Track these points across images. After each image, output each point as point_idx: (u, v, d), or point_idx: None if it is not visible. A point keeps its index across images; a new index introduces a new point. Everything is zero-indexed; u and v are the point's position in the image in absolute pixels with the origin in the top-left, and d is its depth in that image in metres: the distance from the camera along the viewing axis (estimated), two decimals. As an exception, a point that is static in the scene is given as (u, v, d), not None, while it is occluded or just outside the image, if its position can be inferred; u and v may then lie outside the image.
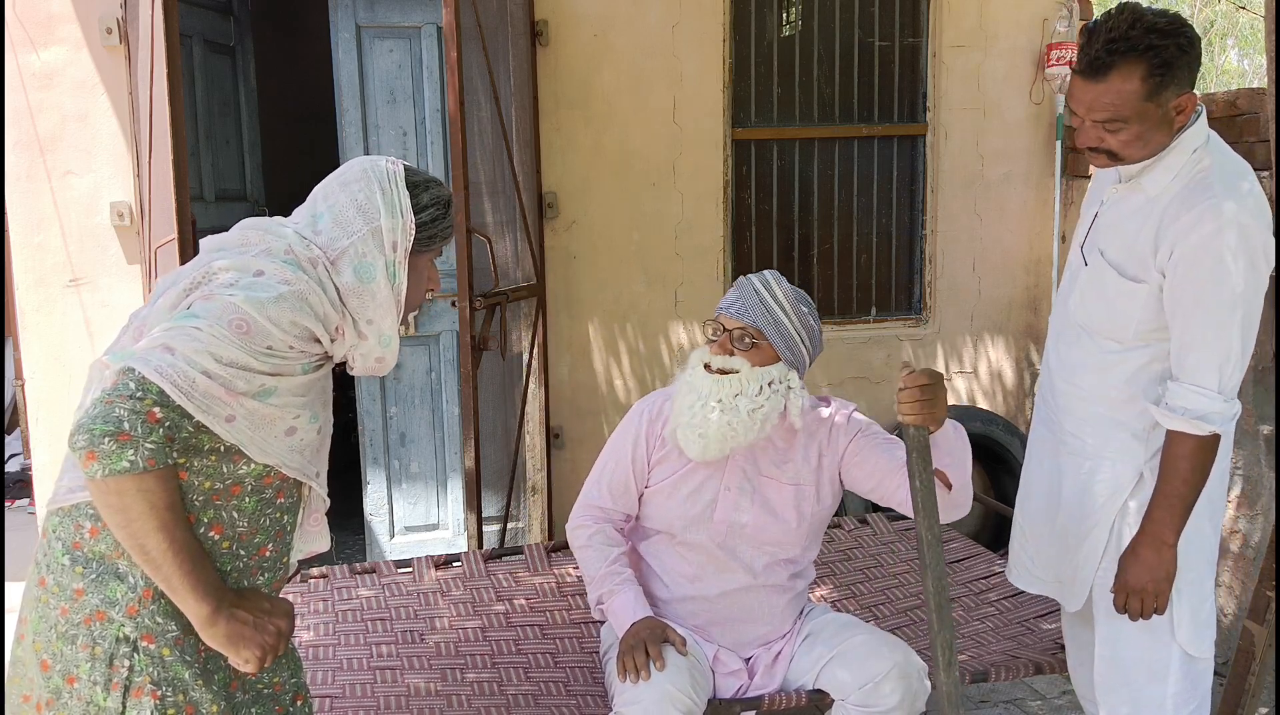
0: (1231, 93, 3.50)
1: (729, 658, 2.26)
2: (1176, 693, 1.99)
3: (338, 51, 3.82)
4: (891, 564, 3.12)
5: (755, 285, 2.18)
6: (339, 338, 1.59)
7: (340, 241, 1.58)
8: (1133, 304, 1.90)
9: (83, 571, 1.48)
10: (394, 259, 1.60)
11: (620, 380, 4.19)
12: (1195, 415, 1.83)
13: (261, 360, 1.45)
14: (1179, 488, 1.86)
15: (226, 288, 1.47)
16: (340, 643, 2.62)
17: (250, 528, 1.57)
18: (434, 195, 1.64)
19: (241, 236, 1.59)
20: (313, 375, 1.56)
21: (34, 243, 3.76)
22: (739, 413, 2.09)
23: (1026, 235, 4.46)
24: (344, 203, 1.59)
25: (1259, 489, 3.27)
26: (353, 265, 1.57)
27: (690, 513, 2.24)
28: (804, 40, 4.26)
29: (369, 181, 1.60)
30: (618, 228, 4.11)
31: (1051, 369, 2.12)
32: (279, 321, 1.47)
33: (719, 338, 2.18)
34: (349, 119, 3.86)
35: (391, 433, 4.04)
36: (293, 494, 1.63)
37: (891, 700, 2.11)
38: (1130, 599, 1.92)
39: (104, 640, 1.47)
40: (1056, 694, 3.21)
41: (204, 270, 1.52)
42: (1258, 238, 1.79)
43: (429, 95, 3.90)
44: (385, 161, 1.64)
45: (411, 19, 3.87)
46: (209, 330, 1.41)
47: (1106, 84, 1.79)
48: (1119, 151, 1.86)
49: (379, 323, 1.61)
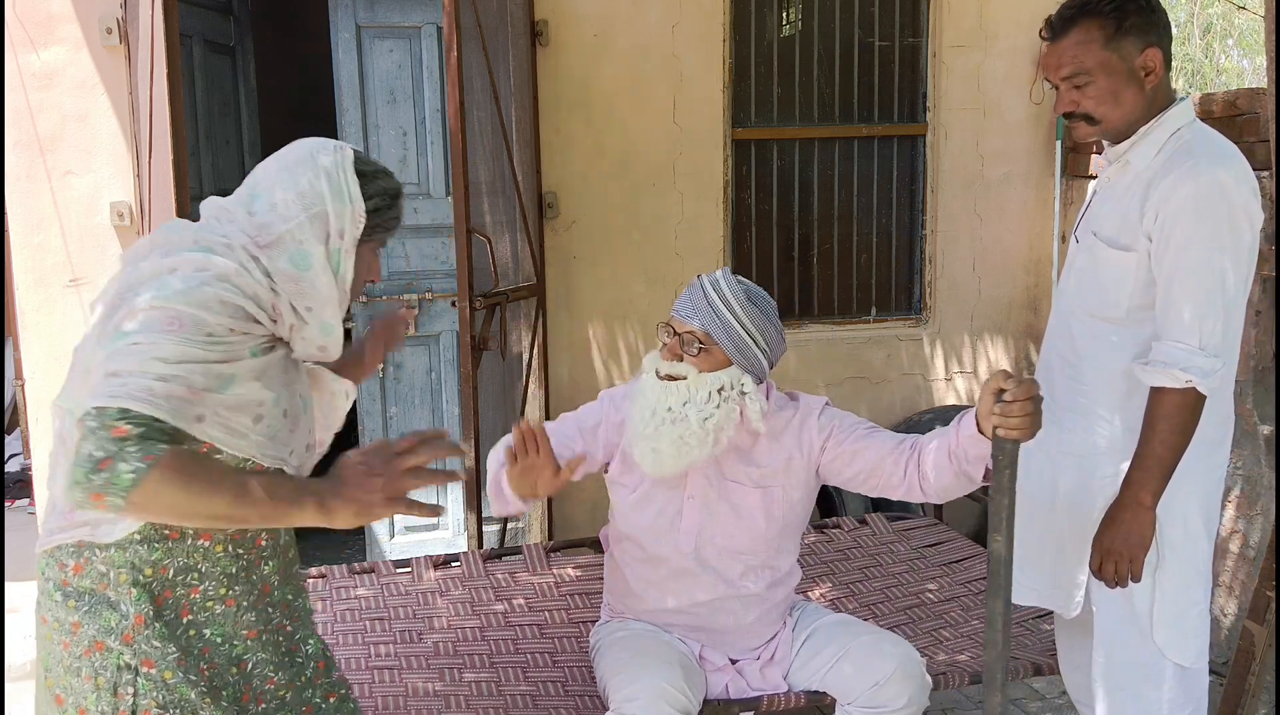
0: (1231, 93, 3.50)
1: (713, 655, 2.25)
2: (1171, 698, 1.98)
3: (338, 51, 3.83)
4: (890, 564, 3.12)
5: (705, 285, 2.07)
6: (280, 318, 1.52)
7: (276, 226, 1.51)
8: (1124, 275, 1.92)
9: (75, 605, 1.47)
10: (339, 247, 1.53)
11: (620, 380, 4.19)
12: (1174, 366, 1.82)
13: (207, 348, 1.40)
14: (1157, 449, 1.85)
15: (144, 297, 1.42)
16: (339, 642, 2.62)
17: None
18: (382, 186, 1.58)
19: (149, 240, 1.54)
20: (265, 357, 1.51)
21: (34, 243, 3.76)
22: (689, 423, 2.01)
23: (1026, 235, 4.46)
24: (283, 186, 1.52)
25: (1259, 489, 3.26)
26: (288, 253, 1.51)
27: (656, 525, 2.18)
28: (804, 40, 4.26)
29: (314, 167, 1.53)
30: (618, 228, 4.11)
31: (1051, 366, 2.11)
32: (206, 305, 1.41)
33: (669, 341, 2.08)
34: (349, 119, 3.87)
35: (391, 433, 4.04)
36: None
37: (899, 701, 2.11)
38: (1105, 562, 1.91)
39: (106, 670, 1.46)
40: (1056, 694, 3.20)
41: (120, 292, 1.46)
42: (1238, 198, 1.82)
43: (429, 95, 3.90)
44: (334, 146, 1.56)
45: (411, 19, 3.87)
46: (144, 340, 1.37)
47: (1066, 39, 1.90)
48: (1093, 112, 1.91)
49: (319, 311, 1.54)
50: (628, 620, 2.31)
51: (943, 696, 3.05)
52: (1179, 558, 1.95)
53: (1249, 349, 3.17)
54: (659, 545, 2.20)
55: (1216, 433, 1.99)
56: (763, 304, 2.10)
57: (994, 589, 1.70)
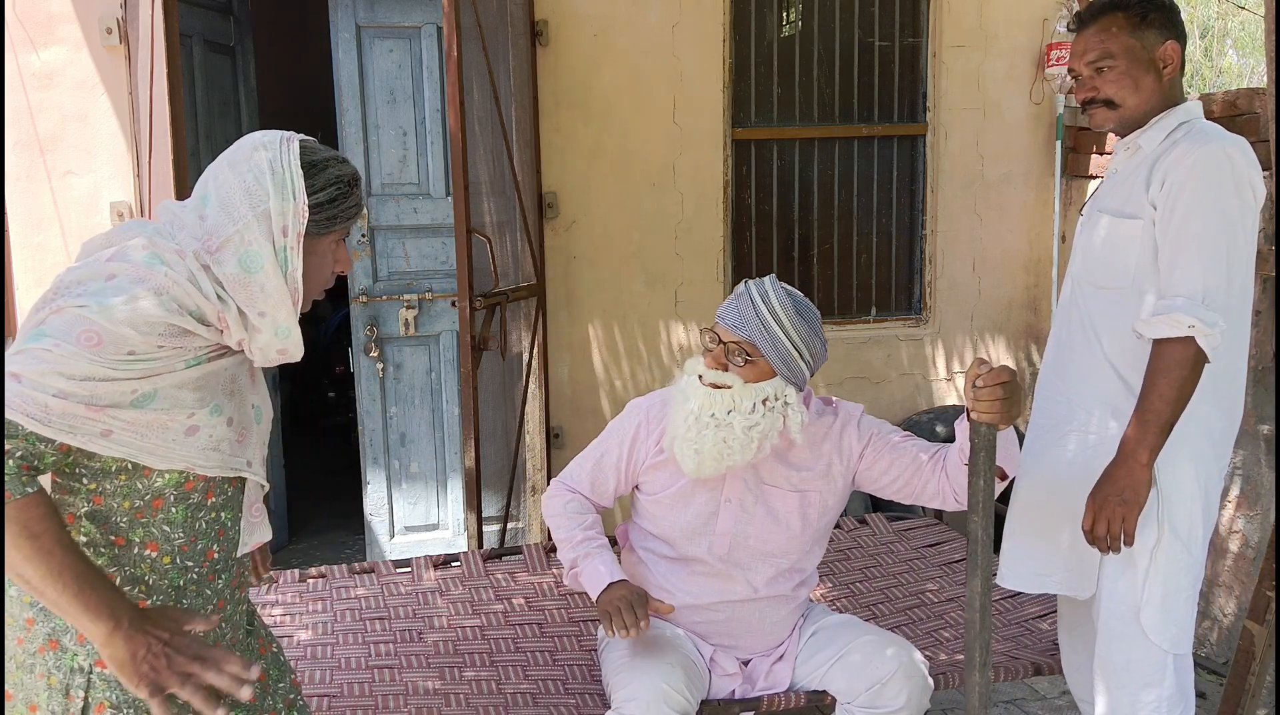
0: (1231, 93, 3.50)
1: (726, 661, 2.25)
2: (1170, 696, 2.00)
3: (338, 51, 3.83)
4: (891, 564, 3.12)
5: (754, 296, 2.06)
6: (227, 328, 1.45)
7: (225, 229, 1.43)
8: (1128, 242, 1.98)
9: (30, 601, 1.45)
10: (284, 244, 1.45)
11: (620, 380, 4.19)
12: (1176, 313, 1.85)
13: (123, 368, 1.34)
14: (1156, 404, 1.87)
15: (76, 298, 1.36)
16: (339, 641, 2.62)
17: (188, 536, 1.50)
18: (333, 175, 1.49)
19: (105, 238, 1.49)
20: (206, 367, 1.44)
21: (34, 243, 3.76)
22: (734, 430, 2.03)
23: (1026, 235, 4.46)
24: (231, 186, 1.44)
25: (1259, 489, 3.27)
26: (237, 255, 1.43)
27: (690, 526, 2.19)
28: (804, 40, 4.26)
29: (258, 162, 1.45)
30: (618, 228, 4.11)
31: (1061, 342, 2.14)
32: (135, 324, 1.35)
33: (714, 349, 2.09)
34: (349, 119, 3.87)
35: (391, 433, 4.04)
36: (224, 490, 1.54)
37: (898, 701, 2.11)
38: (1097, 519, 1.91)
39: (59, 670, 1.44)
40: (1056, 694, 3.20)
41: (59, 286, 1.40)
42: (1243, 169, 1.89)
43: (429, 95, 3.90)
44: (279, 139, 1.47)
45: (411, 19, 3.87)
46: (56, 349, 1.31)
47: (1094, 26, 2.02)
48: (1114, 96, 2.00)
49: (272, 314, 1.46)
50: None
51: (943, 696, 3.05)
52: (1176, 539, 1.96)
53: (1249, 349, 3.16)
54: (691, 546, 2.20)
55: (1223, 422, 2.01)
56: (809, 315, 2.10)
57: (972, 569, 1.77)
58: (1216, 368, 1.92)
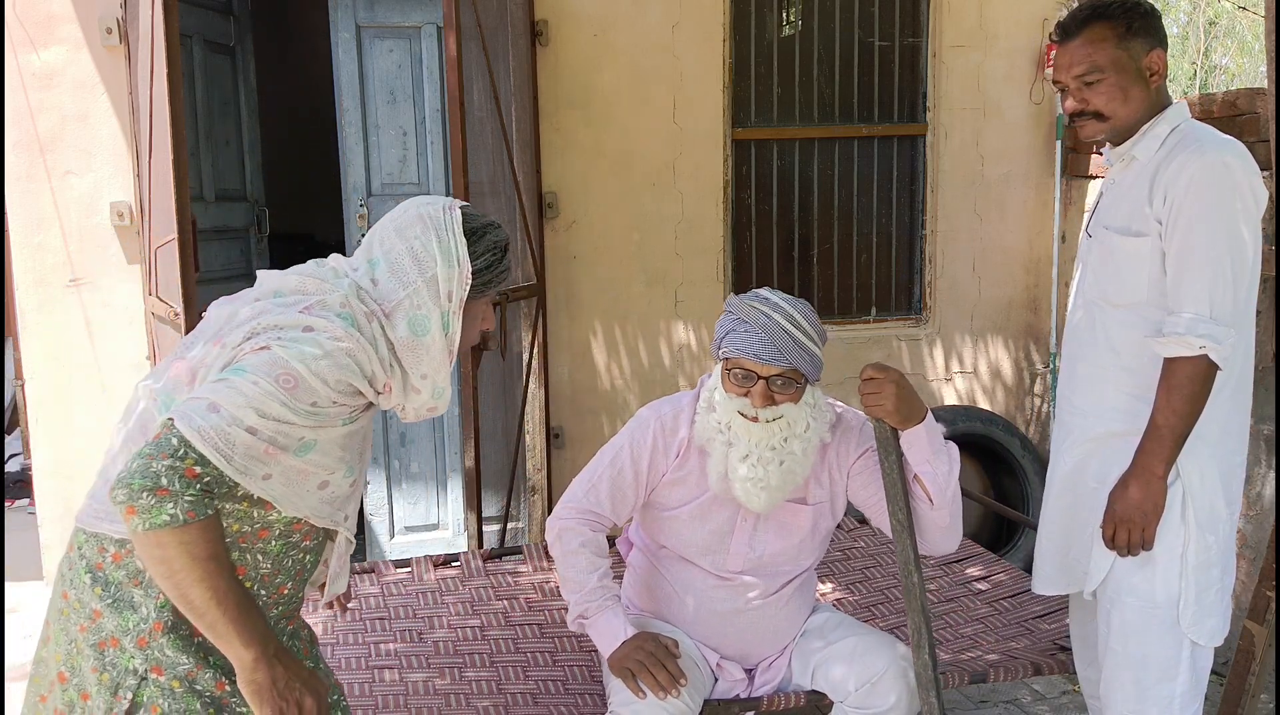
0: (1231, 93, 3.50)
1: (732, 667, 2.25)
2: (1184, 691, 2.00)
3: (338, 51, 3.83)
4: (890, 564, 3.11)
5: (783, 326, 2.01)
6: (385, 393, 1.54)
7: (396, 293, 1.53)
8: (1138, 261, 1.97)
9: (101, 593, 1.48)
10: (449, 309, 1.54)
11: (620, 380, 4.20)
12: (1187, 334, 1.86)
13: (304, 417, 1.42)
14: (1170, 419, 1.89)
15: (277, 342, 1.44)
16: (339, 641, 2.62)
17: (273, 569, 1.56)
18: (490, 241, 1.59)
19: (300, 283, 1.55)
20: (352, 426, 1.53)
21: (34, 243, 3.76)
22: (794, 454, 2.05)
23: (1026, 235, 4.46)
24: (400, 251, 1.54)
25: (1259, 489, 3.27)
26: (407, 318, 1.53)
27: (705, 542, 2.18)
28: (804, 40, 4.26)
29: (425, 228, 1.54)
30: (618, 228, 4.11)
31: (1077, 360, 2.14)
32: (326, 378, 1.43)
33: (750, 385, 2.04)
34: (349, 119, 3.87)
35: (391, 433, 4.04)
36: (318, 536, 1.61)
37: (889, 700, 2.11)
38: (1118, 530, 1.95)
39: (114, 669, 1.48)
40: (1056, 694, 3.21)
41: (258, 322, 1.48)
42: (1242, 175, 1.89)
43: (429, 95, 3.90)
44: (443, 205, 1.57)
45: (411, 19, 3.87)
46: (257, 386, 1.39)
47: (1080, 38, 1.98)
48: (1104, 109, 1.99)
49: (433, 376, 1.56)
50: (647, 618, 2.30)
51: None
52: (1204, 535, 1.98)
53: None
54: (705, 559, 2.20)
55: (1240, 416, 2.02)
56: (813, 314, 2.11)
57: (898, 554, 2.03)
58: (1229, 368, 1.93)
